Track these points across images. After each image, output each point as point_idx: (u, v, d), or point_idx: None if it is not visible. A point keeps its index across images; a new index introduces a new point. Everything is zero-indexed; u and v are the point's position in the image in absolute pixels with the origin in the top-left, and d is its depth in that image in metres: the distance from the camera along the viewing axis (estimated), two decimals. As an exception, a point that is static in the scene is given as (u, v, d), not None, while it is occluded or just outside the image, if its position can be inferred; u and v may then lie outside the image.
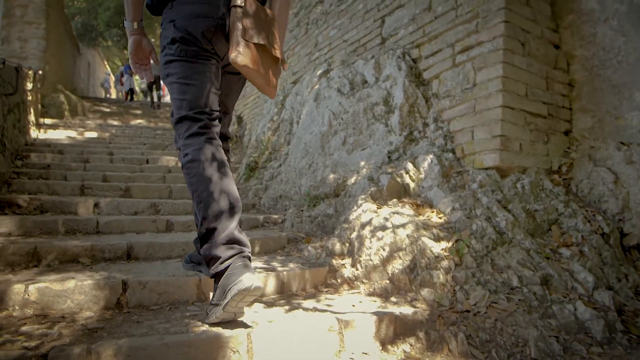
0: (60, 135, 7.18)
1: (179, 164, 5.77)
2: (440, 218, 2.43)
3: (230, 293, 1.50)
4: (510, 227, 2.21)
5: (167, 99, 22.23)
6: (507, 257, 2.05)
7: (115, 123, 11.27)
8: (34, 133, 6.69)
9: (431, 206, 2.56)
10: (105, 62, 27.13)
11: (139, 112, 14.55)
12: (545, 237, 2.25)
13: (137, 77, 15.93)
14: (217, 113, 1.80)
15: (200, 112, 1.74)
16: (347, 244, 2.54)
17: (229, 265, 1.56)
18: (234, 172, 5.39)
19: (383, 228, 2.38)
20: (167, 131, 9.68)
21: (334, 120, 3.47)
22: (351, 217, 2.66)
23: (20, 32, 8.79)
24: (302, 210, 3.40)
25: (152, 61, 1.97)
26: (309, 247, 2.74)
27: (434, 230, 2.28)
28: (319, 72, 4.23)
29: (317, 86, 4.05)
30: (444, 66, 3.02)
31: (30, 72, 6.01)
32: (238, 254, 1.59)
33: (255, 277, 1.52)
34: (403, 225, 2.32)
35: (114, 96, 22.76)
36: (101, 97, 19.26)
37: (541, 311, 1.86)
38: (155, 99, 15.27)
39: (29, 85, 5.88)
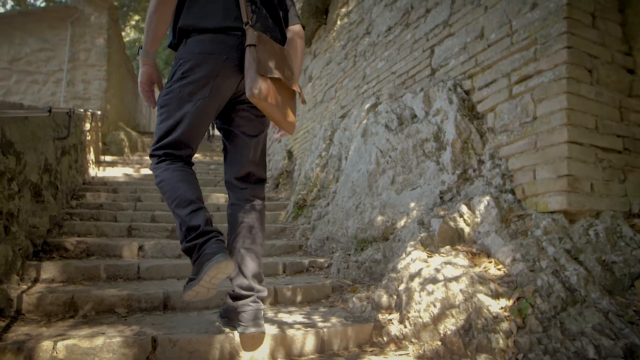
0: (117, 172, 7.55)
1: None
2: (499, 270, 2.21)
3: (204, 270, 1.67)
4: (582, 283, 1.95)
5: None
6: (580, 320, 1.80)
7: (171, 158, 11.76)
8: (92, 171, 7.07)
9: (488, 255, 2.35)
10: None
11: (195, 146, 15.16)
12: (627, 295, 1.96)
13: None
14: (190, 159, 1.93)
15: (180, 147, 1.87)
16: (395, 296, 2.37)
17: (206, 245, 1.71)
18: (282, 209, 5.36)
19: (434, 280, 2.19)
20: (220, 165, 9.95)
21: (382, 158, 3.34)
22: (399, 266, 2.49)
23: (83, 75, 9.49)
24: (349, 255, 3.26)
25: None
26: (354, 299, 2.59)
27: (492, 285, 2.06)
28: (367, 105, 4.15)
29: (364, 121, 3.97)
30: (500, 98, 2.83)
31: (89, 113, 6.40)
32: (214, 237, 1.73)
33: (226, 257, 1.67)
34: (456, 279, 2.13)
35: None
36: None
37: (625, 389, 1.59)
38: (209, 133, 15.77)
39: (88, 126, 6.25)
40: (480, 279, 2.10)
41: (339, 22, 5.68)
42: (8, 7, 14.17)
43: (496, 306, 1.96)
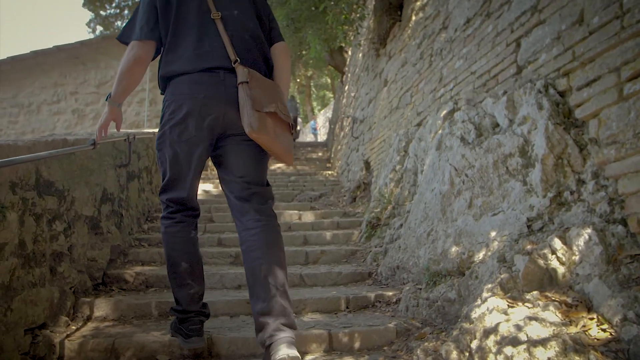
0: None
1: (302, 219, 5.72)
2: (603, 331, 1.75)
3: (182, 342, 2.22)
4: None
5: (301, 139, 23.37)
6: None
7: (255, 169, 12.02)
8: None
9: (589, 308, 1.89)
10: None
11: (280, 154, 15.45)
12: None
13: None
14: (191, 204, 2.18)
15: (175, 201, 2.14)
16: (467, 354, 2.00)
17: (185, 324, 2.20)
18: (357, 227, 5.10)
19: (514, 342, 1.79)
20: (301, 177, 9.94)
21: (457, 177, 2.95)
22: (473, 315, 2.12)
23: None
24: (420, 289, 2.91)
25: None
26: (419, 350, 2.25)
27: (592, 356, 1.63)
28: (443, 112, 3.75)
29: (440, 131, 3.58)
30: (606, 100, 2.31)
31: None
32: (193, 317, 2.22)
33: (199, 342, 2.20)
34: (543, 342, 1.72)
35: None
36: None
37: None
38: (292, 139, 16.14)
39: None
40: (576, 344, 1.67)
41: (413, 18, 5.29)
42: (97, 32, 15.51)
43: (598, 386, 1.53)
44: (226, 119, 2.03)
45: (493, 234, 2.57)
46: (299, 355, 1.82)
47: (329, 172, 10.48)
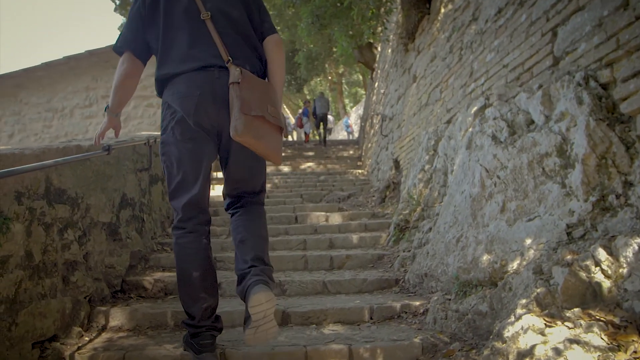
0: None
1: (329, 221, 5.57)
2: (658, 358, 1.53)
3: (196, 358, 2.08)
4: None
5: (333, 136, 23.19)
6: None
7: (285, 169, 11.96)
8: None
9: (641, 331, 1.66)
10: (285, 107, 29.95)
11: (311, 153, 15.34)
12: None
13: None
14: (201, 207, 2.10)
15: (186, 205, 2.06)
16: (500, 378, 1.81)
17: (196, 339, 2.09)
18: (385, 229, 4.91)
19: (552, 368, 1.59)
20: (331, 176, 9.79)
21: (488, 179, 2.73)
22: (506, 333, 1.92)
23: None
24: (449, 300, 2.71)
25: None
26: (447, 370, 2.07)
27: (645, 389, 1.41)
28: (474, 109, 3.52)
29: (470, 129, 3.36)
30: (655, 92, 2.06)
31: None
32: (205, 331, 2.10)
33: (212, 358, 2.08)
34: (586, 370, 1.51)
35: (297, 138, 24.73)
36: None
37: None
38: (323, 136, 16.17)
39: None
40: (625, 374, 1.46)
41: (442, 10, 5.05)
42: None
43: None
44: (220, 119, 2.04)
45: (528, 241, 2.35)
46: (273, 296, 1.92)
47: (360, 170, 10.28)
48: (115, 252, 3.28)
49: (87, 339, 2.52)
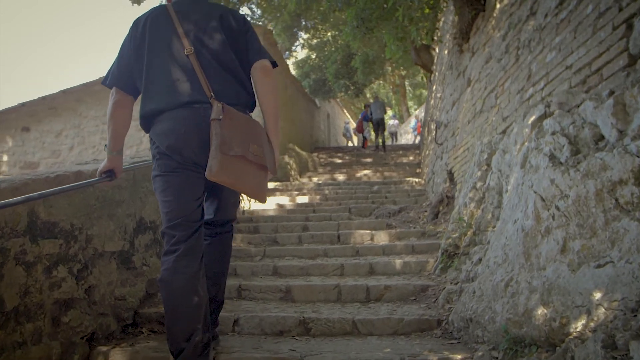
0: (271, 203, 7.50)
1: (374, 240, 5.14)
2: None
3: None
4: None
5: (395, 142, 22.53)
6: None
7: (340, 177, 11.62)
8: (246, 204, 7.13)
9: None
10: (345, 111, 29.64)
11: (369, 160, 14.90)
12: None
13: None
14: (196, 222, 2.07)
15: (175, 226, 2.02)
16: None
17: None
18: (435, 253, 4.40)
19: None
20: (385, 185, 9.33)
21: (544, 210, 2.21)
22: None
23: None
24: (496, 359, 2.21)
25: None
26: None
27: None
28: (532, 119, 2.97)
29: (526, 143, 2.82)
30: None
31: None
32: None
33: None
34: None
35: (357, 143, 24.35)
36: (337, 147, 20.83)
37: None
38: (382, 142, 15.72)
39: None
40: None
41: (498, 6, 4.47)
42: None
43: None
44: (205, 155, 1.98)
45: (597, 295, 1.82)
46: None
47: (416, 179, 9.71)
48: (129, 281, 3.06)
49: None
